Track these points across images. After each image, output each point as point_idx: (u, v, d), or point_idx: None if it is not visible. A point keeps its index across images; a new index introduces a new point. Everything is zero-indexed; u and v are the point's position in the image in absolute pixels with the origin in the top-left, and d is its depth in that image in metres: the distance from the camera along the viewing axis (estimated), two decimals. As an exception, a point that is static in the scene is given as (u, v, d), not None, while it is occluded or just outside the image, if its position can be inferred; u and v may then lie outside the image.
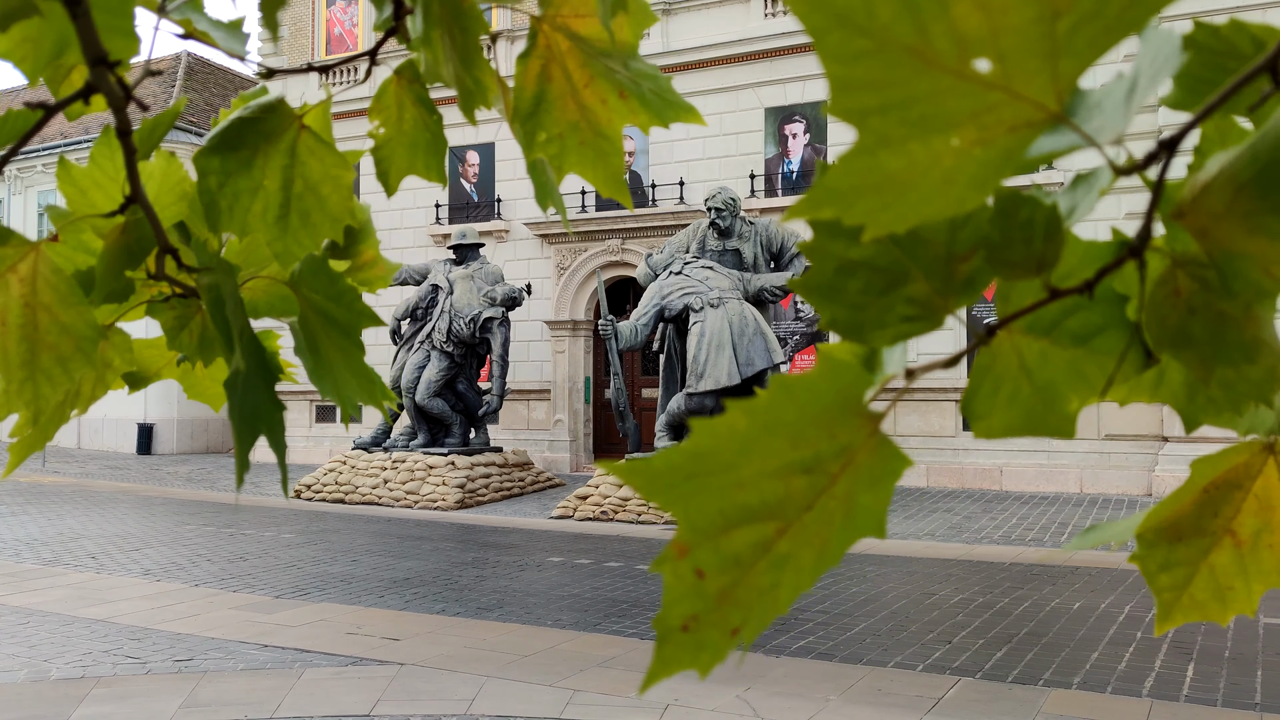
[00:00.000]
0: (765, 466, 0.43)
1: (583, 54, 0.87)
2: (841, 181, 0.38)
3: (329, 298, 0.84)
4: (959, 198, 0.38)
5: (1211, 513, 0.57)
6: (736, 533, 0.44)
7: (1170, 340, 0.45)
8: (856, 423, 0.43)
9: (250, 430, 0.75)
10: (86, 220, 0.86)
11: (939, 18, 0.35)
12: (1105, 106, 0.38)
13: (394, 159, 0.96)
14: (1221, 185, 0.39)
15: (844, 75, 0.36)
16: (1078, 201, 0.42)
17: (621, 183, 0.92)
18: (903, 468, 0.44)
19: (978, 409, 0.49)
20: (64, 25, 0.82)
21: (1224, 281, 0.41)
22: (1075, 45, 0.36)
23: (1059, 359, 0.48)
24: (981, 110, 0.37)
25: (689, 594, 0.44)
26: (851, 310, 0.47)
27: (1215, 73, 0.49)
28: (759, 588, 0.44)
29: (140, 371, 0.99)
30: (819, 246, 0.47)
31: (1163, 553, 0.59)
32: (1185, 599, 0.60)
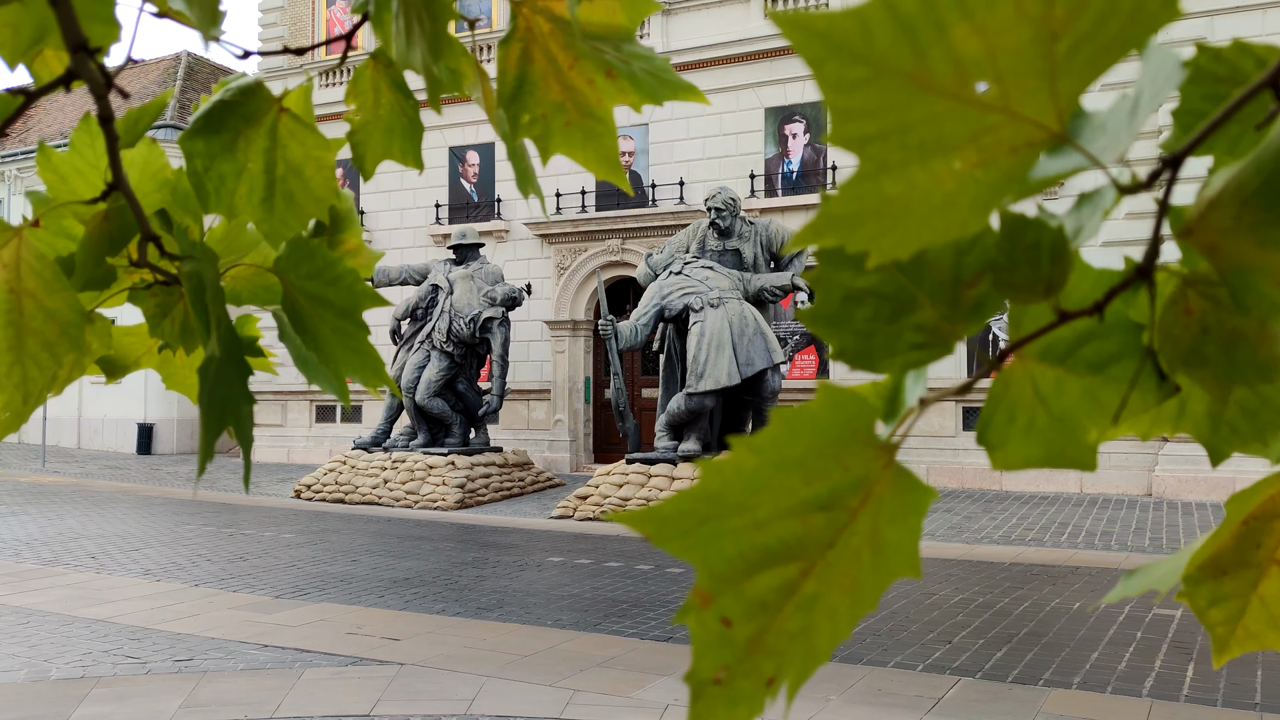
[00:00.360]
0: (780, 505, 0.42)
1: (565, 35, 0.86)
2: (843, 208, 0.37)
3: (325, 282, 0.84)
4: (962, 220, 0.37)
5: (1253, 544, 0.56)
6: (759, 577, 0.42)
7: (1184, 361, 0.44)
8: (869, 454, 0.42)
9: (217, 420, 0.75)
10: (67, 207, 0.87)
11: (937, 42, 0.35)
12: (1108, 126, 0.38)
13: (370, 143, 0.95)
14: (1228, 199, 0.39)
15: (843, 104, 0.36)
16: (1083, 222, 0.42)
17: (615, 164, 0.91)
18: (928, 500, 0.43)
19: (993, 439, 0.48)
20: (44, 11, 0.82)
21: (1236, 298, 0.41)
22: (1074, 65, 0.36)
23: (1075, 388, 0.47)
24: (981, 132, 0.36)
25: (717, 644, 0.43)
26: (859, 339, 0.46)
27: (1215, 105, 0.49)
28: (790, 633, 0.43)
29: (119, 359, 0.99)
30: (825, 276, 0.46)
31: (1210, 588, 0.58)
32: (1240, 631, 0.59)
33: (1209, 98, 0.49)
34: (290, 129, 0.86)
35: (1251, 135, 0.45)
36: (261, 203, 0.86)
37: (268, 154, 0.86)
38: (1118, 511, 13.42)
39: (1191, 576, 0.58)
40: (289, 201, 0.87)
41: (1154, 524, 12.30)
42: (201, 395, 0.74)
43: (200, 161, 0.84)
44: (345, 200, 0.99)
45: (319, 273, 0.83)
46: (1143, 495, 15.13)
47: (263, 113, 0.85)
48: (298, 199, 0.87)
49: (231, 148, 0.84)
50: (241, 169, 0.85)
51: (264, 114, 0.85)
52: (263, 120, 0.85)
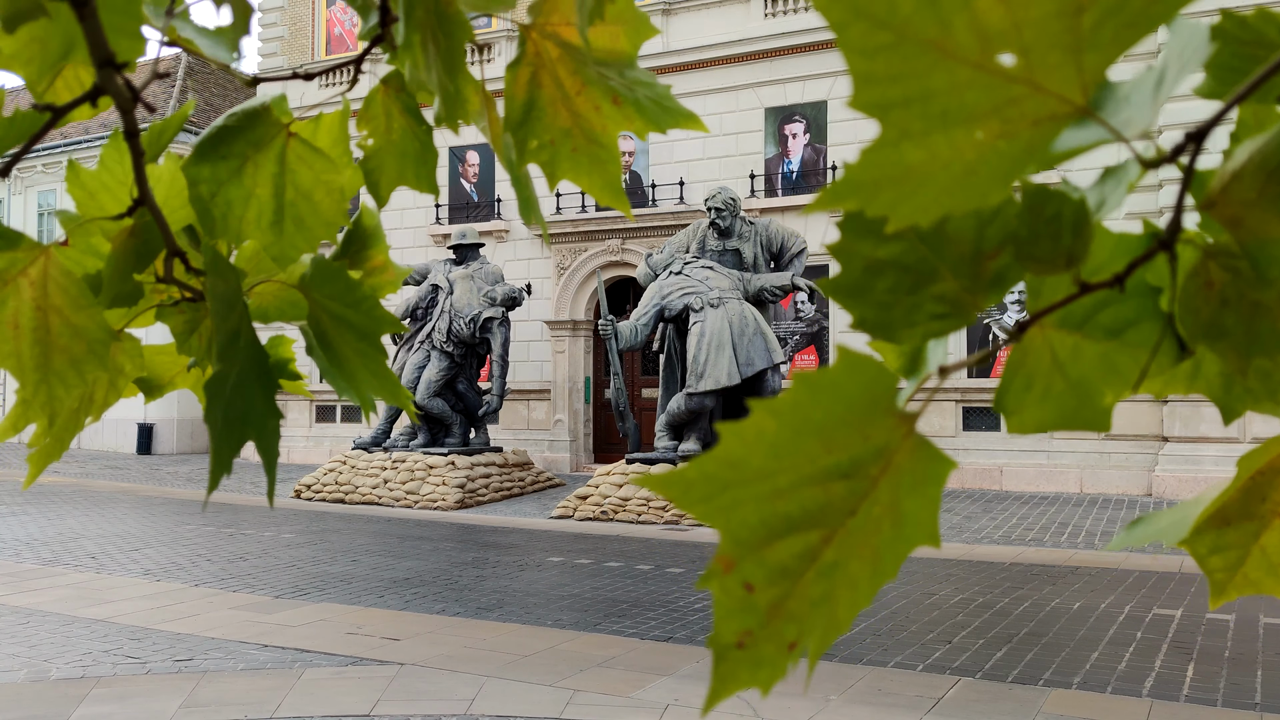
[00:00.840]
0: (801, 472, 0.42)
1: (574, 61, 0.86)
2: (864, 174, 0.37)
3: (346, 304, 0.84)
4: (982, 190, 0.37)
5: (1259, 497, 0.57)
6: (780, 543, 0.43)
7: (1204, 332, 0.45)
8: (889, 422, 0.43)
9: (237, 435, 0.75)
10: (95, 223, 0.86)
11: (961, 11, 0.35)
12: (1133, 99, 0.38)
13: (384, 169, 0.95)
14: (1253, 172, 0.38)
15: (866, 69, 0.36)
16: (1106, 195, 0.41)
17: (619, 190, 0.91)
18: (946, 471, 0.43)
19: (1010, 404, 0.48)
20: (71, 27, 0.82)
21: (1257, 270, 0.41)
22: (1100, 39, 0.36)
23: (1092, 353, 0.47)
24: (1004, 104, 0.36)
25: (739, 609, 0.44)
26: (880, 309, 0.46)
27: (1245, 62, 0.49)
28: (811, 599, 0.44)
29: (153, 379, 0.99)
30: (846, 247, 0.46)
31: (1211, 538, 0.59)
32: (1239, 577, 0.60)
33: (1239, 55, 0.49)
34: (300, 153, 0.86)
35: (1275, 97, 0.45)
36: (270, 227, 0.86)
37: (276, 179, 0.85)
38: (1118, 511, 13.43)
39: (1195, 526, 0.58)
40: (299, 225, 0.87)
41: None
42: (212, 410, 0.73)
43: (206, 188, 0.83)
44: (372, 216, 0.99)
45: (341, 295, 0.83)
46: (1143, 495, 15.14)
47: (270, 138, 0.85)
48: (307, 223, 0.87)
49: (239, 173, 0.84)
50: (249, 194, 0.85)
51: (272, 139, 0.85)
52: (271, 146, 0.85)
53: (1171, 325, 0.46)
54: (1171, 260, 0.42)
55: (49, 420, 0.79)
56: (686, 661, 6.22)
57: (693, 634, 6.97)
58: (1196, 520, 0.53)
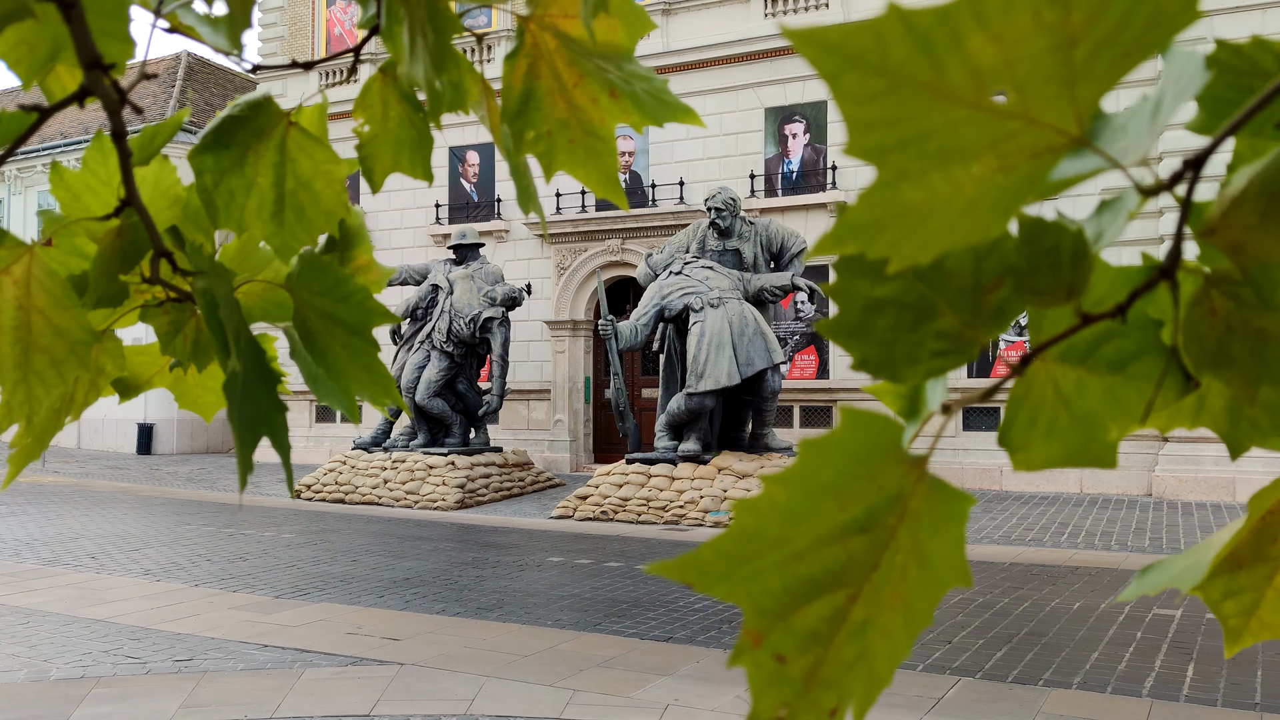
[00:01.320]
0: (818, 533, 0.42)
1: (571, 53, 0.87)
2: (864, 216, 0.37)
3: (336, 299, 0.84)
4: (982, 224, 0.37)
5: (1270, 538, 0.56)
6: (807, 609, 0.42)
7: (1210, 361, 0.44)
8: (900, 470, 0.42)
9: (252, 433, 0.75)
10: (80, 224, 0.86)
11: (953, 52, 0.35)
12: (1129, 128, 0.38)
13: (379, 156, 0.95)
14: (1253, 197, 0.38)
15: (861, 116, 0.36)
16: (1104, 226, 0.41)
17: (615, 182, 0.92)
18: (966, 507, 0.43)
19: (1015, 440, 0.48)
20: (59, 28, 0.82)
21: (1261, 296, 0.40)
22: (1094, 70, 0.36)
23: (1096, 387, 0.47)
24: (1001, 139, 0.36)
25: (774, 682, 0.42)
26: (881, 348, 0.46)
27: (1239, 94, 0.49)
28: (846, 661, 0.43)
29: (131, 379, 0.99)
30: (844, 287, 0.46)
31: (1224, 582, 0.58)
32: (1254, 622, 0.59)
33: (1233, 86, 0.49)
34: (299, 143, 0.86)
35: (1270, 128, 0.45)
36: (271, 217, 0.86)
37: (277, 168, 0.86)
38: (1118, 511, 13.42)
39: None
40: (299, 215, 0.87)
41: (1154, 524, 12.30)
42: (231, 411, 0.74)
43: (210, 177, 0.84)
44: (356, 216, 1.00)
45: (330, 290, 0.83)
46: (1143, 495, 15.14)
47: (271, 127, 0.85)
48: (308, 213, 0.87)
49: (241, 162, 0.84)
50: (251, 184, 0.85)
51: (273, 128, 0.85)
52: (272, 135, 0.85)
53: (1176, 357, 0.45)
54: (1173, 289, 0.42)
55: (27, 420, 0.80)
56: (686, 661, 6.23)
57: (693, 634, 6.97)
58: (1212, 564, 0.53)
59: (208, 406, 1.01)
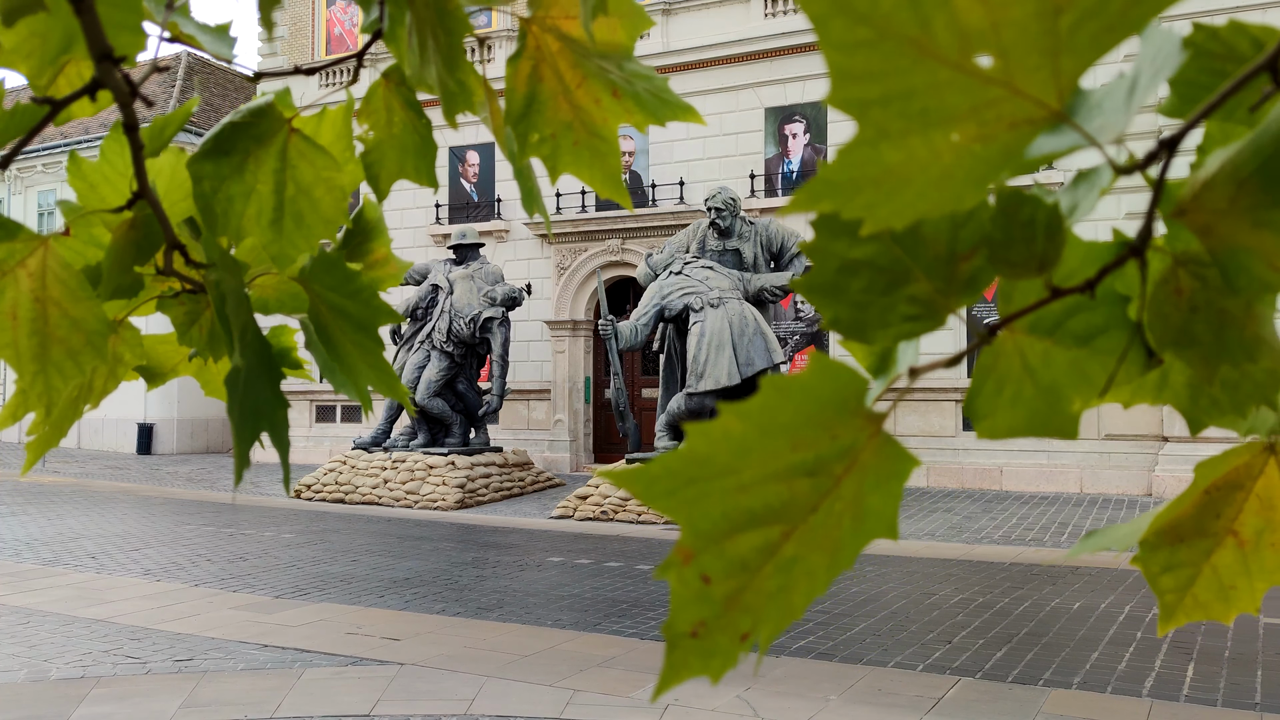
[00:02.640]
0: (766, 469, 0.43)
1: (574, 54, 0.87)
2: (841, 174, 0.38)
3: (345, 295, 0.84)
4: (957, 194, 0.38)
5: (1213, 514, 0.57)
6: (741, 537, 0.43)
7: (1173, 339, 0.45)
8: (857, 423, 0.43)
9: (251, 427, 0.75)
10: (96, 215, 0.87)
11: (941, 9, 0.35)
12: (1106, 106, 0.38)
13: (384, 162, 0.95)
14: (1223, 181, 0.39)
15: (845, 64, 0.36)
16: (1078, 200, 0.42)
17: (619, 183, 0.92)
18: (910, 468, 0.44)
19: (981, 409, 0.49)
20: (70, 21, 0.82)
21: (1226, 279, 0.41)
22: (1077, 43, 0.36)
23: (1062, 359, 0.48)
24: (982, 105, 0.36)
25: (696, 600, 0.44)
26: (854, 310, 0.46)
27: (1212, 78, 0.49)
28: (767, 592, 0.44)
29: (154, 367, 0.99)
30: (821, 246, 0.46)
31: (1165, 555, 0.59)
32: (1189, 599, 0.59)
33: (1206, 70, 0.49)
34: (300, 150, 0.86)
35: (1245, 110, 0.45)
36: (270, 225, 0.86)
37: (277, 175, 0.85)
38: (1118, 511, 13.42)
39: (1148, 541, 0.59)
40: (298, 223, 0.87)
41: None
42: (231, 405, 0.74)
43: (209, 184, 0.83)
44: (374, 209, 1.00)
45: (339, 285, 0.84)
46: (1143, 495, 15.13)
47: (273, 133, 0.85)
48: (307, 220, 0.87)
49: (241, 169, 0.84)
50: (250, 190, 0.85)
51: (274, 134, 0.85)
52: (273, 141, 0.85)
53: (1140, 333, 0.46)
54: (1142, 266, 0.42)
55: (45, 410, 0.80)
56: (686, 661, 6.22)
57: (692, 634, 6.97)
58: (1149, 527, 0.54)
59: None
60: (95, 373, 0.89)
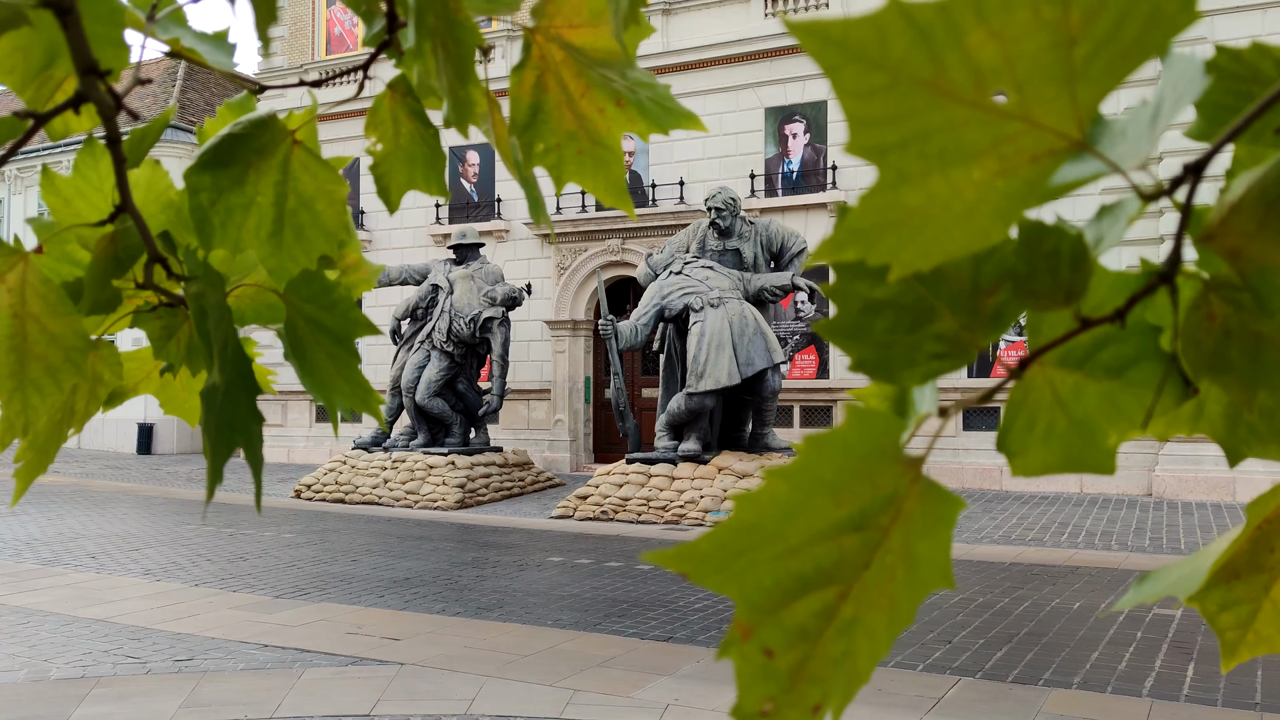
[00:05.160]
0: (814, 529, 0.42)
1: (577, 64, 0.86)
2: (863, 220, 0.37)
3: (322, 306, 0.83)
4: (983, 230, 0.37)
5: (1267, 548, 0.56)
6: (797, 604, 0.42)
7: (1208, 366, 0.44)
8: (897, 470, 0.42)
9: (227, 442, 0.75)
10: (72, 230, 0.86)
11: (953, 48, 0.35)
12: (1129, 133, 0.38)
13: (393, 174, 0.94)
14: (1252, 203, 0.38)
15: (861, 111, 0.36)
16: (1104, 231, 0.41)
17: (623, 191, 0.92)
18: (956, 511, 0.43)
19: (1013, 445, 0.48)
20: (54, 35, 0.81)
21: (1260, 302, 0.41)
22: (1093, 71, 0.36)
23: (1093, 392, 0.47)
24: (1001, 141, 0.36)
25: (761, 676, 0.43)
26: (879, 350, 0.46)
27: (1238, 100, 0.49)
28: (832, 658, 0.43)
29: (119, 385, 0.98)
30: (842, 288, 0.46)
31: (1221, 593, 0.57)
32: (1251, 635, 0.58)
33: (1231, 93, 0.49)
34: (303, 162, 0.85)
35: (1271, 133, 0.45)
36: (269, 237, 0.85)
37: (279, 187, 0.84)
38: (1118, 511, 13.42)
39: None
40: (298, 236, 0.85)
41: (1154, 524, 12.30)
42: (206, 420, 0.73)
43: (206, 195, 0.82)
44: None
45: (316, 297, 0.83)
46: (1143, 495, 15.13)
47: (275, 145, 0.84)
48: (307, 233, 0.85)
49: (241, 181, 0.83)
50: (250, 202, 0.83)
51: (277, 146, 0.84)
52: (275, 153, 0.84)
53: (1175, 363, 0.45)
54: (1172, 293, 0.42)
55: (23, 429, 0.79)
56: (687, 661, 6.22)
57: (693, 634, 6.97)
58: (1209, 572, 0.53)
59: (193, 412, 1.00)
60: (76, 393, 0.88)
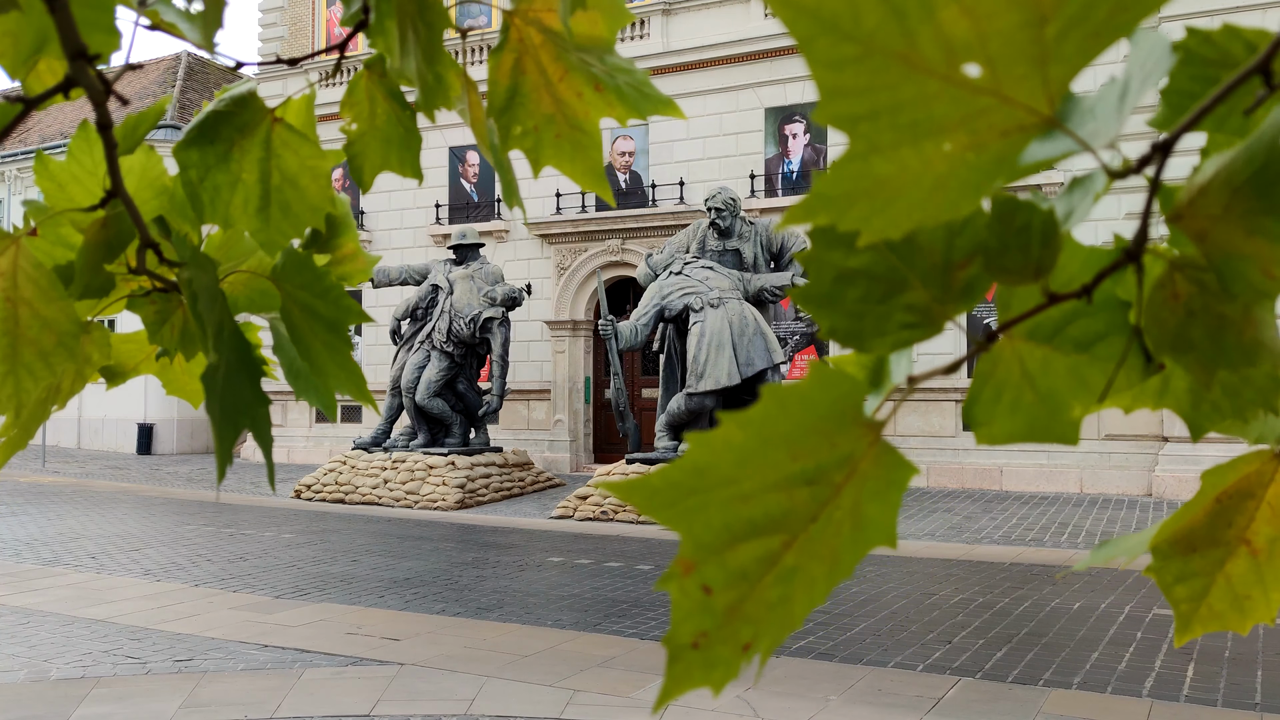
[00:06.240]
0: (766, 479, 0.43)
1: (556, 48, 0.87)
2: (834, 188, 0.38)
3: (314, 294, 0.84)
4: (952, 203, 0.38)
5: (1225, 523, 0.56)
6: (742, 547, 0.43)
7: (1170, 344, 0.45)
8: (856, 432, 0.43)
9: (232, 425, 0.75)
10: (65, 215, 0.86)
11: (925, 22, 0.35)
12: (1098, 111, 0.38)
13: (368, 155, 0.95)
14: (1219, 187, 0.39)
15: (832, 81, 0.36)
16: (1074, 206, 0.42)
17: (601, 176, 0.92)
18: (909, 476, 0.44)
19: (979, 415, 0.48)
20: (43, 20, 0.82)
21: (1223, 284, 0.41)
22: (1064, 50, 0.36)
23: (1061, 365, 0.48)
24: (972, 115, 0.36)
25: (697, 611, 0.44)
26: (850, 319, 0.46)
27: (1205, 86, 0.49)
28: (768, 602, 0.44)
29: (118, 366, 0.98)
30: (817, 256, 0.46)
31: (1178, 565, 0.58)
32: (1203, 609, 0.59)
33: (1198, 79, 0.49)
34: (285, 139, 0.86)
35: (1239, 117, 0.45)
36: (257, 212, 0.86)
37: (263, 164, 0.85)
38: (1118, 511, 13.42)
39: (1160, 551, 0.58)
40: (285, 211, 0.87)
41: (1154, 524, 12.28)
42: (211, 402, 0.74)
43: (195, 172, 0.84)
44: (341, 205, 0.99)
45: (310, 284, 0.83)
46: (1143, 495, 15.13)
47: (257, 123, 0.85)
48: (294, 208, 0.87)
49: (226, 158, 0.84)
50: (236, 179, 0.85)
51: (258, 124, 0.85)
52: (257, 130, 0.85)
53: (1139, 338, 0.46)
54: (1138, 271, 0.42)
55: (15, 412, 0.79)
56: (686, 661, 6.22)
57: (692, 634, 6.97)
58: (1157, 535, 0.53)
59: (195, 394, 1.01)
60: (63, 374, 0.89)
